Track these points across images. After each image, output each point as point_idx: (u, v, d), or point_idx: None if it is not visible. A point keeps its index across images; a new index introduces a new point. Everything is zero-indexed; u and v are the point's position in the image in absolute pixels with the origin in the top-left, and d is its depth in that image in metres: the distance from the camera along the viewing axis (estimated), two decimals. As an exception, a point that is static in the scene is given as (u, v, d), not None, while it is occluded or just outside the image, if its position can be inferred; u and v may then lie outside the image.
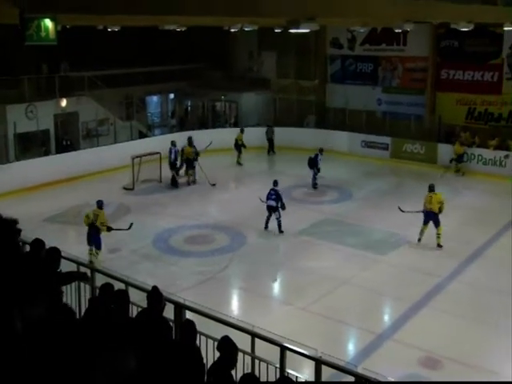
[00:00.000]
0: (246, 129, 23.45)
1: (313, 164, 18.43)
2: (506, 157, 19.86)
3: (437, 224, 13.48)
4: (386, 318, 10.99)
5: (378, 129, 23.08)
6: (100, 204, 12.69)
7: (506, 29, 17.18)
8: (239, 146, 21.92)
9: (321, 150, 18.84)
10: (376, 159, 22.24)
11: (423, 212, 13.63)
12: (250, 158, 22.21)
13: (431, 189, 13.75)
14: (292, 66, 26.73)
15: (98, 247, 12.64)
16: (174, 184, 18.82)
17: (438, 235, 13.48)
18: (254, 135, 22.91)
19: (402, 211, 14.38)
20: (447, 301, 11.04)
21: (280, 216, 14.42)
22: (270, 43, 26.07)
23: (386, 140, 22.62)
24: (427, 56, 23.17)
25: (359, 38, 24.82)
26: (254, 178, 19.84)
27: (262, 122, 25.13)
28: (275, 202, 14.47)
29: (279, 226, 14.45)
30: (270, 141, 23.54)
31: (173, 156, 18.82)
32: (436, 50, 22.99)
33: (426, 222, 13.60)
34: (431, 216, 13.48)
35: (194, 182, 19.14)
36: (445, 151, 21.12)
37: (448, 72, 22.87)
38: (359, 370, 5.25)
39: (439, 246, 13.50)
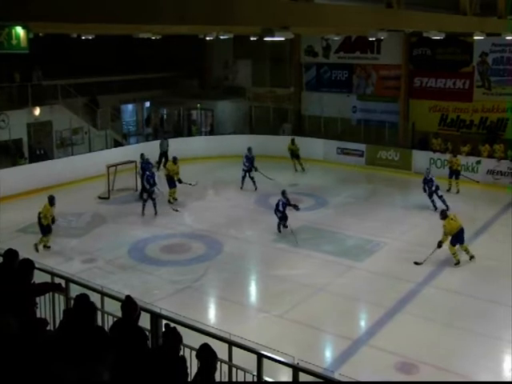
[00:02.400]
0: (221, 137, 23.37)
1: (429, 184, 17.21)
2: (478, 162, 20.23)
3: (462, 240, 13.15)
4: (362, 324, 11.05)
5: (353, 136, 23.31)
6: (49, 199, 13.76)
7: (475, 38, 17.52)
8: (292, 153, 22.26)
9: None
10: (351, 166, 22.45)
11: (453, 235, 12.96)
12: (225, 166, 22.24)
13: (446, 214, 13.29)
14: (267, 74, 26.90)
15: (42, 233, 13.81)
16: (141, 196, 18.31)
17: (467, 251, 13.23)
18: (230, 143, 22.97)
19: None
20: (422, 306, 11.16)
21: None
22: (245, 51, 26.17)
23: (361, 147, 22.85)
24: (400, 64, 23.52)
25: (334, 45, 25.08)
26: (228, 186, 19.85)
27: (238, 131, 25.18)
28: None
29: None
30: (164, 154, 21.94)
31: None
32: (409, 58, 23.35)
33: (463, 241, 13.15)
34: (463, 231, 13.10)
35: (175, 200, 17.86)
36: (419, 158, 21.43)
37: (421, 80, 23.25)
38: (336, 377, 5.28)
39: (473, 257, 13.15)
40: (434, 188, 16.95)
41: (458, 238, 13.00)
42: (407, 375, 8.75)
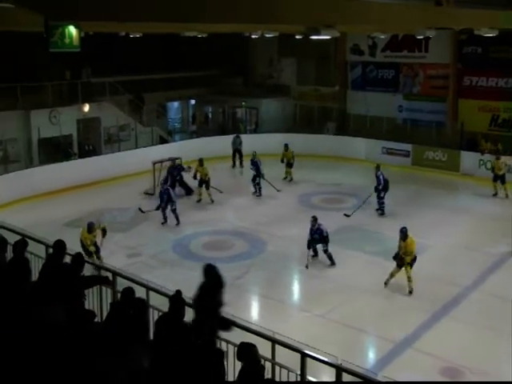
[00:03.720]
0: (264, 135, 23.34)
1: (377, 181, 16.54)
2: (531, 164, 19.55)
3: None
4: (406, 326, 10.84)
5: (398, 136, 22.95)
6: (88, 226, 12.13)
7: (531, 35, 17.03)
8: (283, 160, 20.71)
9: None
10: (397, 166, 22.07)
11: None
12: (268, 164, 22.18)
13: (407, 234, 11.68)
14: (312, 72, 26.79)
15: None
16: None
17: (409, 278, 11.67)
18: (274, 141, 22.92)
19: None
20: (468, 310, 10.90)
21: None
22: (289, 50, 26.14)
23: (407, 147, 22.46)
24: (449, 63, 23.02)
25: (380, 44, 24.77)
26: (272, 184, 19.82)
27: (283, 129, 25.14)
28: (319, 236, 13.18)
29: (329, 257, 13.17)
30: (237, 151, 22.19)
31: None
32: (458, 57, 22.83)
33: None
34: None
35: (212, 201, 17.79)
36: (468, 159, 20.91)
37: (471, 79, 22.68)
38: (379, 378, 5.21)
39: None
40: (380, 187, 16.36)
41: (415, 260, 11.61)
42: (452, 380, 8.57)
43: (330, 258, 13.05)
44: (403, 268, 11.60)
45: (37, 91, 20.63)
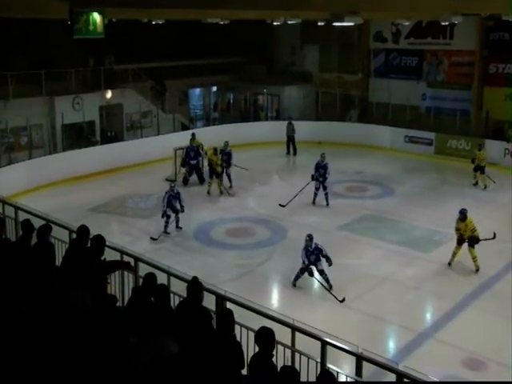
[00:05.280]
0: (286, 122, 23.15)
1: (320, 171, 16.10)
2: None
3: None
4: (428, 316, 10.80)
5: (421, 124, 22.67)
6: None
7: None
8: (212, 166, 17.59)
9: None
10: (419, 155, 21.85)
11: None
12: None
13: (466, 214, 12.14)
14: (334, 59, 26.55)
15: None
16: (185, 182, 18.48)
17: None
18: (296, 129, 22.81)
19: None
20: (492, 301, 10.75)
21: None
22: (312, 37, 25.92)
23: (430, 135, 22.18)
24: (474, 50, 22.59)
25: (404, 31, 24.41)
26: (292, 172, 19.78)
27: (304, 116, 25.00)
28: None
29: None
30: (291, 139, 21.98)
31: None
32: (484, 43, 22.38)
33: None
34: None
35: (221, 193, 17.43)
36: (492, 148, 20.55)
37: (497, 66, 22.24)
38: (400, 368, 5.18)
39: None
40: (327, 176, 15.99)
41: (477, 241, 12.04)
42: (474, 372, 8.48)
43: (328, 280, 11.13)
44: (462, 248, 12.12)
45: (61, 78, 20.80)
